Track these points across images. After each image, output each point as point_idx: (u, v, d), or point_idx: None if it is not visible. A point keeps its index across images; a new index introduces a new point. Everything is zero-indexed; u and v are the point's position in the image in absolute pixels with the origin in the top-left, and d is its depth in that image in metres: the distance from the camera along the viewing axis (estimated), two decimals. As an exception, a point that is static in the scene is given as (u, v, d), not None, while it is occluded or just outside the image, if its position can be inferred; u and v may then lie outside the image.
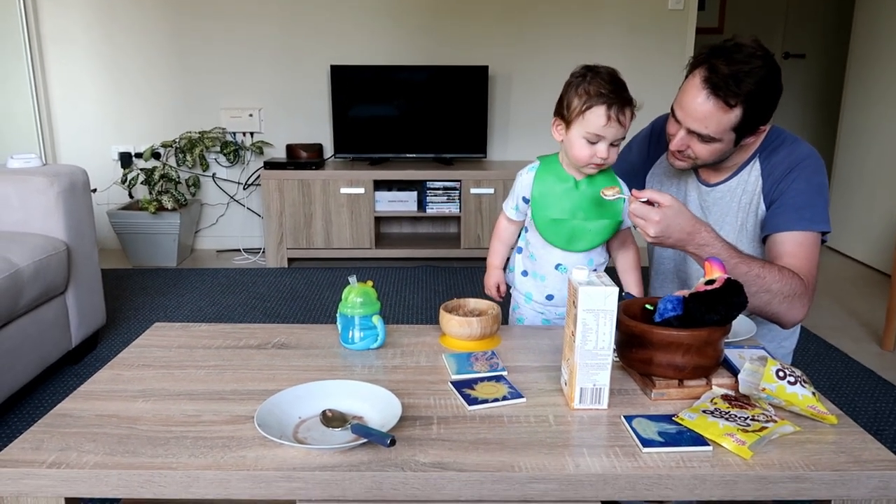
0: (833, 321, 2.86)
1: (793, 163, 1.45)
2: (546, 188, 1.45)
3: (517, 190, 1.50)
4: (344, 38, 3.72)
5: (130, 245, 3.53)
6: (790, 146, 1.48)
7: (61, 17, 3.61)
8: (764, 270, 1.35)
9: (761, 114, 1.38)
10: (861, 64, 3.77)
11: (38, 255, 2.05)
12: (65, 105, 3.74)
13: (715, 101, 1.34)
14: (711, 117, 1.35)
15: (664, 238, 1.29)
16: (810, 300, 1.39)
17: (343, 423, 0.98)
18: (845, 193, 3.86)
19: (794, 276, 1.36)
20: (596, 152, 1.35)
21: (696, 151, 1.42)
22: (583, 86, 1.33)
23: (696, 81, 1.36)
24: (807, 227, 1.42)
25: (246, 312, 2.90)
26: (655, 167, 1.68)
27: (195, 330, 1.38)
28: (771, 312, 1.39)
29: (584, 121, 1.33)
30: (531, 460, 0.91)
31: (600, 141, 1.34)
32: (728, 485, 0.90)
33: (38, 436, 0.97)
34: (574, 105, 1.34)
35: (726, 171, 1.53)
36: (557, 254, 1.48)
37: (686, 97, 1.39)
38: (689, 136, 1.41)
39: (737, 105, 1.34)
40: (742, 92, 1.32)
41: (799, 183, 1.44)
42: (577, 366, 1.04)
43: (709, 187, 1.56)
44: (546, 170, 1.47)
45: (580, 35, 3.77)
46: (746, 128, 1.39)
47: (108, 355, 2.41)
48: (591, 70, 1.36)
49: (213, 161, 3.80)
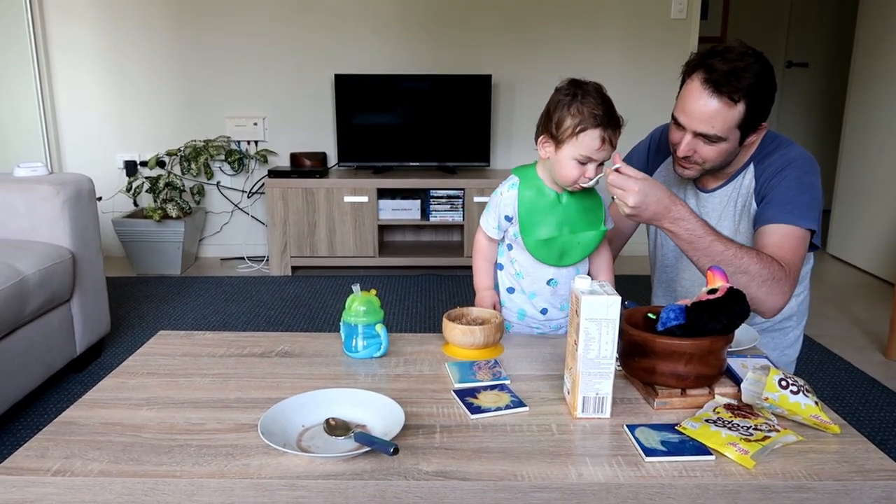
0: (836, 330, 2.86)
1: (785, 162, 1.46)
2: (530, 206, 1.41)
3: (499, 209, 1.44)
4: (348, 48, 3.74)
5: (135, 253, 3.54)
6: (784, 149, 1.49)
7: (68, 25, 3.64)
8: (742, 251, 1.33)
9: (762, 108, 1.39)
10: (864, 73, 3.77)
11: (43, 263, 2.06)
12: (71, 114, 3.76)
13: (719, 98, 1.35)
14: (717, 116, 1.36)
15: (642, 209, 1.29)
16: (791, 288, 1.36)
17: (346, 431, 0.98)
18: (849, 202, 3.86)
19: (773, 261, 1.34)
20: (584, 172, 1.33)
21: (704, 155, 1.42)
22: (575, 105, 1.30)
23: (696, 84, 1.37)
24: (793, 221, 1.40)
25: (250, 321, 2.90)
26: (655, 176, 1.68)
27: (199, 338, 1.38)
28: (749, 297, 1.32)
29: (578, 142, 1.31)
30: (534, 469, 0.92)
31: (590, 162, 1.33)
32: (731, 494, 0.89)
33: (43, 444, 0.97)
34: (566, 125, 1.31)
35: (723, 176, 1.54)
36: (549, 270, 1.45)
37: (688, 101, 1.39)
38: (694, 140, 1.41)
39: (740, 100, 1.35)
40: (743, 86, 1.34)
41: (789, 180, 1.43)
42: (580, 375, 1.04)
43: (706, 193, 1.57)
44: (527, 186, 1.42)
45: (583, 44, 3.79)
46: (749, 124, 1.40)
47: (112, 363, 2.42)
48: (578, 87, 1.33)
49: (217, 169, 3.82)
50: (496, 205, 1.45)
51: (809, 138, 5.15)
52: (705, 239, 1.32)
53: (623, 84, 3.80)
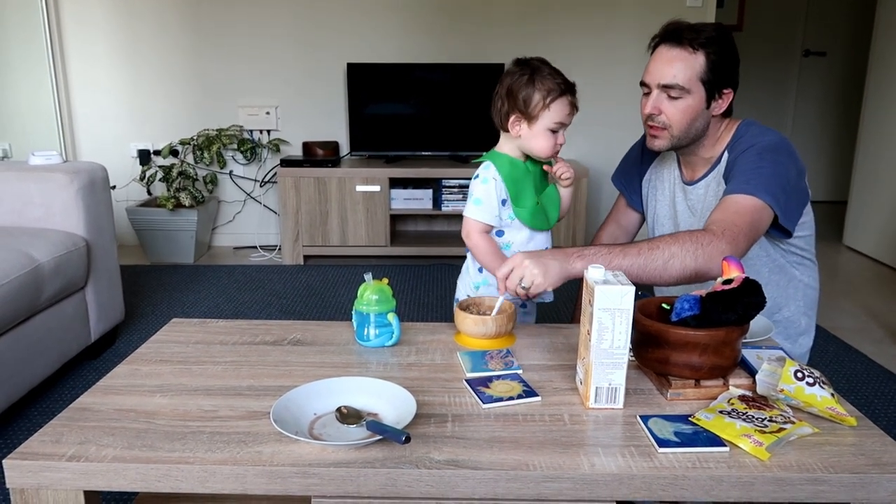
0: (852, 322, 2.83)
1: (750, 143, 1.44)
2: (513, 182, 1.50)
3: (492, 197, 1.49)
4: (361, 36, 3.73)
5: (148, 241, 3.56)
6: (758, 135, 1.46)
7: (83, 15, 3.65)
8: (653, 242, 1.29)
9: (724, 68, 1.43)
10: (883, 62, 3.71)
11: (58, 251, 2.07)
12: (85, 103, 3.78)
13: (679, 46, 1.42)
14: (676, 61, 1.42)
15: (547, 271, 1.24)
16: (731, 245, 1.28)
17: (358, 419, 0.98)
18: (866, 193, 3.81)
19: (689, 233, 1.31)
20: (557, 140, 1.46)
21: (669, 114, 1.45)
22: (538, 80, 1.42)
23: (658, 47, 1.46)
24: (741, 190, 1.35)
25: (262, 309, 2.92)
26: (649, 173, 1.72)
27: (212, 326, 1.39)
28: (696, 272, 1.30)
29: (551, 112, 1.43)
30: (546, 459, 0.91)
31: (561, 128, 1.46)
32: (745, 486, 0.89)
33: (58, 429, 0.98)
34: (536, 100, 1.42)
35: (703, 165, 1.55)
36: (542, 238, 1.56)
37: (651, 62, 1.47)
38: (659, 97, 1.45)
39: (698, 49, 1.40)
40: (702, 38, 1.40)
41: (749, 155, 1.41)
42: (593, 365, 1.04)
43: (691, 185, 1.58)
44: (502, 165, 1.51)
45: (597, 33, 3.75)
46: (712, 82, 1.42)
47: (126, 350, 2.44)
48: (528, 65, 1.45)
49: (230, 158, 3.83)
50: (491, 192, 1.50)
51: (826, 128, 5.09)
52: (616, 255, 1.27)
53: (638, 73, 3.75)
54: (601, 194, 3.98)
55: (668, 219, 1.66)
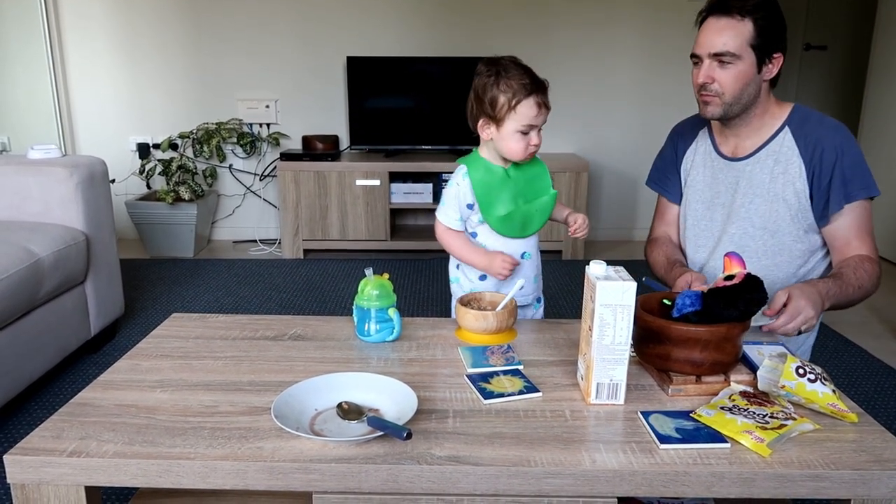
0: (853, 317, 2.83)
1: (827, 133, 1.49)
2: (484, 186, 1.46)
3: (458, 199, 1.47)
4: (361, 30, 3.71)
5: (148, 235, 3.56)
6: (819, 117, 1.53)
7: (81, 7, 3.64)
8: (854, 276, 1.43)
9: (772, 33, 1.45)
10: (884, 56, 3.70)
11: (58, 245, 2.07)
12: (84, 96, 3.77)
13: (728, 16, 1.43)
14: (726, 30, 1.43)
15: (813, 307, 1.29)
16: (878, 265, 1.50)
17: (359, 415, 0.98)
18: (866, 187, 3.80)
19: (868, 261, 1.47)
20: (529, 141, 1.41)
21: (722, 82, 1.46)
22: (503, 82, 1.38)
23: (707, 20, 1.47)
24: (858, 195, 1.50)
25: (262, 303, 2.91)
26: (685, 160, 1.70)
27: (212, 321, 1.39)
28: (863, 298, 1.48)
29: (517, 115, 1.38)
30: (547, 455, 0.91)
31: (532, 130, 1.40)
32: (746, 482, 0.89)
33: (59, 424, 0.98)
34: (501, 103, 1.39)
35: (754, 138, 1.55)
36: (518, 244, 1.50)
37: (701, 34, 1.48)
38: (711, 65, 1.46)
39: (746, 16, 1.42)
40: (749, 5, 1.42)
41: (844, 157, 1.49)
42: (594, 361, 1.03)
43: (738, 161, 1.57)
44: (475, 169, 1.47)
45: (598, 27, 3.74)
46: (762, 47, 1.44)
47: (126, 345, 2.44)
48: (496, 64, 1.41)
49: (229, 152, 3.82)
50: (454, 196, 1.48)
51: (827, 123, 5.08)
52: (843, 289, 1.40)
53: (639, 66, 3.76)
54: (600, 188, 3.97)
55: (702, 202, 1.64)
